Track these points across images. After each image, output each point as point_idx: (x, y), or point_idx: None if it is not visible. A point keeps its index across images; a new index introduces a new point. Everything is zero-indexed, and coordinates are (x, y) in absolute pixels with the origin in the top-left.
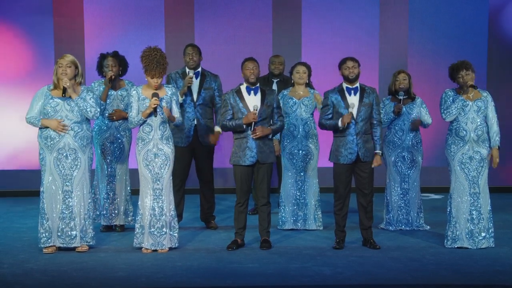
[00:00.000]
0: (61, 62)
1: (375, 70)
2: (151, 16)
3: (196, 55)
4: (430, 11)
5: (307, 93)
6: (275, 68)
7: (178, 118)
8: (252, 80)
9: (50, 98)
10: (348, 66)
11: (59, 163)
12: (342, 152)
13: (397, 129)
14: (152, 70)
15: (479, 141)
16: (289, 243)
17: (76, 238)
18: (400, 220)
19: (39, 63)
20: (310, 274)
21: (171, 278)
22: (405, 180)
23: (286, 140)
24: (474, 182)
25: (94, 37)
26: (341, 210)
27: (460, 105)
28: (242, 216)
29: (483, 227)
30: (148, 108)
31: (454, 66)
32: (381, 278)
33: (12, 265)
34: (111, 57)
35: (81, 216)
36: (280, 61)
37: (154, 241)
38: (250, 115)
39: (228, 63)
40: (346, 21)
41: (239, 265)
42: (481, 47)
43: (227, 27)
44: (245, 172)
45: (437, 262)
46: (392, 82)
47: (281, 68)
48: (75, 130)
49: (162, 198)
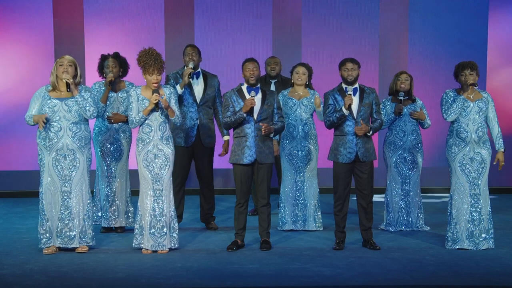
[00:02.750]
0: (62, 61)
1: (375, 71)
2: (151, 16)
3: (196, 55)
4: (430, 11)
5: (307, 93)
6: (271, 69)
7: (177, 115)
8: (252, 82)
9: (48, 98)
10: (348, 68)
11: (58, 164)
12: (341, 151)
13: (398, 130)
14: (150, 67)
15: (480, 142)
16: (289, 244)
17: (75, 238)
18: (400, 221)
19: (39, 63)
20: (310, 275)
21: (171, 279)
22: (406, 181)
23: (285, 140)
24: (475, 184)
25: (94, 37)
26: (341, 211)
27: (462, 104)
28: (242, 217)
29: (483, 228)
30: (149, 104)
31: (461, 64)
32: (381, 279)
33: (12, 266)
34: (111, 58)
35: (80, 217)
36: (276, 61)
37: (154, 242)
38: (248, 101)
39: (228, 64)
40: (346, 21)
41: (239, 266)
42: (481, 48)
43: (227, 28)
44: (245, 173)
45: (437, 263)
46: (393, 82)
47: (277, 68)
48: (73, 130)
49: (162, 198)
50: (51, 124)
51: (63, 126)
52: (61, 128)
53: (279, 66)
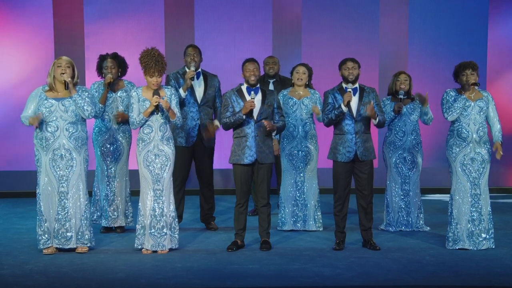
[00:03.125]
0: (60, 62)
1: (375, 71)
2: (151, 17)
3: (197, 56)
4: (430, 11)
5: (307, 93)
6: (269, 69)
7: (178, 116)
8: (252, 82)
9: (45, 99)
10: (348, 67)
11: (54, 164)
12: (340, 150)
13: (398, 130)
14: (151, 69)
15: (480, 142)
16: (289, 244)
17: (71, 239)
18: (400, 221)
19: (39, 64)
20: (310, 275)
21: (171, 279)
22: (406, 181)
23: (285, 140)
24: (475, 184)
25: (94, 38)
26: (340, 211)
27: (462, 104)
28: (242, 217)
29: (483, 228)
30: (149, 106)
31: (462, 64)
32: (381, 279)
33: (12, 266)
34: (110, 59)
35: (77, 217)
36: (274, 61)
37: (155, 242)
38: (248, 103)
39: (228, 65)
40: (346, 22)
41: (239, 266)
42: (481, 48)
43: (227, 29)
44: (245, 173)
45: (437, 263)
46: (393, 82)
47: (275, 68)
48: (70, 131)
49: (162, 199)
50: (47, 124)
51: (59, 126)
52: (57, 128)
53: (278, 65)
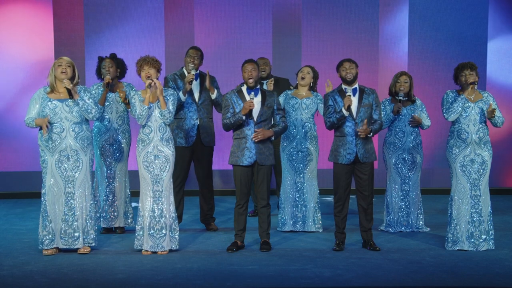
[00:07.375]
0: (60, 62)
1: (375, 72)
2: (151, 18)
3: (197, 59)
4: (430, 11)
5: (310, 94)
6: (261, 70)
7: (170, 110)
8: (251, 84)
9: (48, 100)
10: (345, 67)
11: (61, 165)
12: (341, 152)
13: (398, 130)
14: (143, 61)
15: (480, 143)
16: (288, 245)
17: (79, 239)
18: (400, 222)
19: (39, 64)
20: (310, 276)
21: (171, 280)
22: (405, 182)
23: (285, 141)
24: (475, 185)
25: (94, 39)
26: (340, 212)
27: (463, 103)
28: (242, 218)
29: (483, 229)
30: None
31: (460, 65)
32: (381, 280)
33: (12, 267)
34: (108, 59)
35: (83, 217)
36: (265, 62)
37: (154, 243)
38: (247, 104)
39: (228, 66)
40: (346, 22)
41: (239, 267)
42: (481, 48)
43: (227, 30)
44: (245, 173)
45: (437, 264)
46: (393, 83)
47: (267, 69)
48: (76, 131)
49: (162, 200)
50: (53, 125)
51: (65, 127)
52: (63, 129)
53: (269, 66)
